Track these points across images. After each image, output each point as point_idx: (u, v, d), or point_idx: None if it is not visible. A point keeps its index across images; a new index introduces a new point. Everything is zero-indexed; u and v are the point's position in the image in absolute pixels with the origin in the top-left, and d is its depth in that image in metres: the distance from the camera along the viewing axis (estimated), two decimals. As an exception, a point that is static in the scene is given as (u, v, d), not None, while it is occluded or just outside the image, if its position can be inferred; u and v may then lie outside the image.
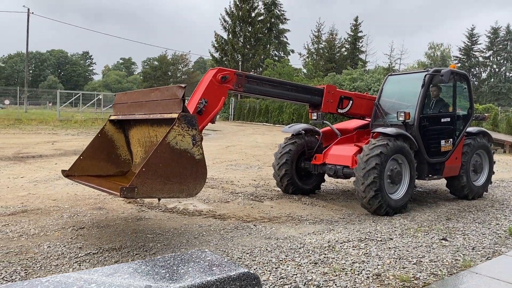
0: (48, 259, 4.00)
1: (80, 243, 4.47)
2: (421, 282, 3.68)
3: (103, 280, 2.16)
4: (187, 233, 5.00)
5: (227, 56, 44.52)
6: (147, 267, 2.40)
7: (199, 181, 4.35)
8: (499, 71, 58.63)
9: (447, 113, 7.25)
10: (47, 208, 5.86)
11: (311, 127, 7.71)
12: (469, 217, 6.27)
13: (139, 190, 3.94)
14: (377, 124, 7.32)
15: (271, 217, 5.90)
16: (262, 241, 4.79)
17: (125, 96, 5.62)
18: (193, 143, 4.28)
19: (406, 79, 7.99)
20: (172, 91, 4.56)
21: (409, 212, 6.43)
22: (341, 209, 6.60)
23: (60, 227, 5.02)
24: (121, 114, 5.51)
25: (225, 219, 5.71)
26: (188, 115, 4.32)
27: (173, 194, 4.22)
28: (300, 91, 6.87)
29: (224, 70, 5.73)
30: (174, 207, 6.22)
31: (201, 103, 5.28)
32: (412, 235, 5.17)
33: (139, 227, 5.18)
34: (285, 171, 7.30)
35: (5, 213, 5.50)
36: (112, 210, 5.93)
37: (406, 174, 6.45)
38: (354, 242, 4.82)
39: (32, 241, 4.49)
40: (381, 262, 4.17)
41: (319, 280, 3.64)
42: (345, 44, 53.20)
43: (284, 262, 4.09)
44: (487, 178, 7.87)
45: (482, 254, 4.55)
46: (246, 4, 44.78)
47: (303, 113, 28.90)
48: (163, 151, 4.09)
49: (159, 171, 4.05)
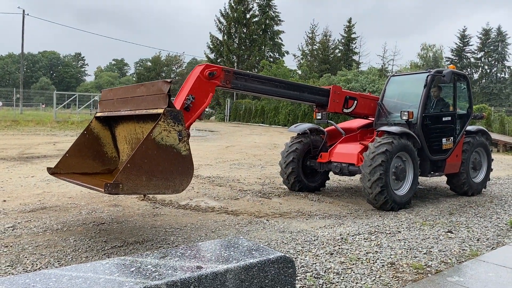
0: (77, 251, 4.18)
1: (104, 237, 4.66)
2: (433, 270, 3.93)
3: (157, 262, 2.37)
4: (204, 227, 5.20)
5: (222, 57, 44.71)
6: (192, 251, 2.61)
7: (185, 177, 4.30)
8: (490, 72, 59.41)
9: (448, 112, 7.52)
10: (64, 205, 6.03)
11: (316, 126, 7.96)
12: (471, 212, 6.54)
13: (124, 186, 3.89)
14: (380, 123, 7.57)
15: (282, 213, 6.12)
16: (277, 234, 5.00)
17: (110, 92, 5.48)
18: (179, 139, 4.23)
19: (409, 80, 8.26)
20: (157, 86, 4.49)
21: (413, 208, 6.69)
22: (348, 205, 6.84)
23: (81, 222, 5.20)
24: (107, 110, 5.40)
25: (237, 214, 5.92)
26: (174, 110, 4.27)
27: (159, 190, 4.18)
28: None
29: (211, 66, 5.67)
30: (187, 204, 6.42)
31: (188, 99, 5.21)
32: (419, 228, 5.42)
33: (157, 222, 5.38)
34: (291, 169, 7.53)
35: (25, 210, 5.67)
36: (127, 207, 6.11)
37: (410, 171, 6.71)
38: (364, 234, 5.05)
39: (58, 235, 4.66)
40: (393, 252, 4.41)
41: (338, 268, 3.86)
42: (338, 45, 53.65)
43: (302, 253, 4.30)
44: (486, 175, 8.17)
45: (487, 244, 4.81)
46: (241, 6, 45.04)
47: (299, 113, 29.16)
48: (148, 147, 4.04)
49: (144, 167, 4.01)
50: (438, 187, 8.87)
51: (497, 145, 18.92)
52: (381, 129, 6.77)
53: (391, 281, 3.64)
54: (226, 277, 2.31)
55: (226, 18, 45.60)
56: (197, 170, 9.75)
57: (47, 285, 2.00)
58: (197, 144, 16.88)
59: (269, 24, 47.85)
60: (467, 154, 7.69)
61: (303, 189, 7.69)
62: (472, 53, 60.75)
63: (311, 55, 52.78)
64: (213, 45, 45.48)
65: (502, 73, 58.54)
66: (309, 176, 7.82)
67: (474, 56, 60.66)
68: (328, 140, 7.86)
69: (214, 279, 2.26)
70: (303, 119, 27.87)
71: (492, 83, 56.96)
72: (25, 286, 1.99)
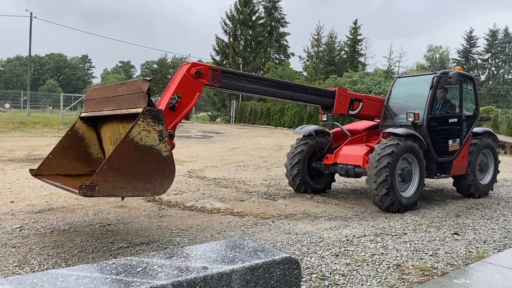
0: (84, 252, 4.21)
1: (110, 238, 4.68)
2: (439, 271, 3.91)
3: (163, 263, 2.38)
4: (210, 229, 5.21)
5: (228, 59, 44.80)
6: (198, 252, 2.62)
7: (166, 179, 4.15)
8: (497, 73, 59.05)
9: (454, 113, 7.49)
10: (71, 206, 6.07)
11: (321, 128, 7.96)
12: (477, 214, 6.50)
13: (100, 188, 3.74)
14: (386, 125, 7.56)
15: (287, 214, 6.12)
16: (283, 236, 5.01)
17: (94, 92, 5.36)
18: (159, 139, 4.08)
19: (414, 81, 8.24)
20: (137, 85, 4.37)
21: (419, 210, 6.66)
22: (353, 206, 6.83)
23: (88, 223, 5.24)
24: (91, 110, 5.26)
25: (243, 216, 5.93)
26: (153, 109, 4.11)
27: (138, 193, 4.04)
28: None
29: (198, 64, 5.53)
30: (192, 205, 6.44)
31: (173, 99, 5.05)
32: (425, 230, 5.40)
33: (163, 223, 5.40)
34: (297, 171, 7.53)
35: (32, 211, 5.72)
36: (133, 208, 6.14)
37: (416, 172, 6.69)
38: (370, 236, 5.04)
39: (64, 236, 4.70)
40: (399, 254, 4.40)
41: (343, 270, 3.86)
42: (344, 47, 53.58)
43: (307, 254, 4.31)
44: (493, 177, 8.12)
45: (493, 246, 4.79)
46: (247, 8, 45.11)
47: (305, 115, 29.14)
48: (127, 148, 3.91)
49: (122, 169, 3.87)
50: (444, 189, 8.83)
51: (504, 147, 18.79)
52: (387, 130, 6.75)
53: (397, 282, 3.63)
54: (232, 277, 2.32)
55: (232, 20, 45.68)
56: (202, 172, 9.78)
57: (54, 285, 2.02)
58: (203, 146, 16.93)
59: (274, 26, 47.87)
60: (473, 156, 7.65)
61: (308, 190, 7.69)
62: (479, 54, 60.45)
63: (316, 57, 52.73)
64: (219, 47, 45.57)
65: (509, 75, 58.19)
66: (314, 177, 7.82)
67: (481, 57, 60.35)
68: (333, 141, 7.87)
69: (220, 280, 2.27)
70: (308, 121, 27.84)
71: (499, 85, 56.62)
72: (33, 285, 2.01)
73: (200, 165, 11.04)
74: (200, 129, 28.33)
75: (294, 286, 2.62)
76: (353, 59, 52.25)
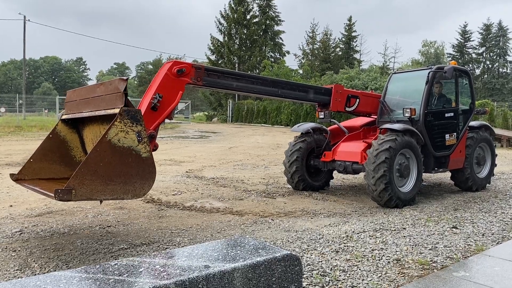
0: (85, 254, 4.21)
1: (111, 240, 4.69)
2: (439, 265, 3.94)
3: (165, 263, 2.39)
4: (210, 228, 5.22)
5: (224, 58, 44.81)
6: (199, 251, 2.64)
7: (146, 181, 4.07)
8: (492, 67, 59.22)
9: (451, 108, 7.53)
10: (70, 209, 6.07)
11: (319, 125, 7.98)
12: (475, 207, 6.54)
13: (77, 192, 3.66)
14: (383, 120, 7.58)
15: (287, 212, 6.14)
16: (282, 233, 5.02)
17: (74, 93, 5.24)
18: (138, 140, 3.98)
19: (410, 77, 8.27)
20: (114, 84, 4.28)
21: (418, 204, 6.69)
22: (352, 203, 6.85)
23: (87, 226, 5.24)
24: (71, 112, 5.15)
25: (242, 215, 5.94)
26: (131, 109, 4.01)
27: (117, 196, 3.94)
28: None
29: (180, 62, 5.43)
30: (191, 205, 6.44)
31: (155, 98, 4.93)
32: (424, 225, 5.43)
33: (162, 224, 5.40)
34: (295, 168, 7.55)
35: (32, 214, 5.71)
36: (133, 209, 6.14)
37: (414, 167, 6.72)
38: (370, 232, 5.06)
39: (65, 239, 4.70)
40: (399, 249, 4.42)
41: (344, 266, 3.88)
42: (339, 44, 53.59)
43: (307, 251, 4.32)
44: (490, 170, 8.17)
45: (492, 239, 4.82)
46: (241, 7, 45.10)
47: (301, 113, 29.18)
48: (104, 149, 3.80)
49: (100, 171, 3.77)
50: (442, 183, 8.87)
51: (500, 140, 18.88)
52: (384, 126, 6.77)
53: (397, 277, 3.66)
54: (234, 275, 2.33)
55: (227, 19, 45.68)
56: (201, 172, 9.79)
57: (58, 287, 2.03)
58: (200, 146, 16.93)
59: (269, 25, 47.86)
60: (470, 150, 7.69)
61: (307, 188, 7.71)
62: (474, 48, 60.61)
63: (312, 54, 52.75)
64: (214, 47, 45.57)
65: (504, 68, 58.39)
66: (313, 175, 7.84)
67: (475, 51, 60.52)
68: (331, 139, 7.88)
69: (222, 278, 2.28)
70: (305, 119, 27.89)
71: (494, 78, 56.80)
72: (36, 288, 2.02)
73: (198, 165, 11.05)
74: (197, 129, 28.35)
75: (295, 283, 2.64)
76: (348, 56, 52.29)
